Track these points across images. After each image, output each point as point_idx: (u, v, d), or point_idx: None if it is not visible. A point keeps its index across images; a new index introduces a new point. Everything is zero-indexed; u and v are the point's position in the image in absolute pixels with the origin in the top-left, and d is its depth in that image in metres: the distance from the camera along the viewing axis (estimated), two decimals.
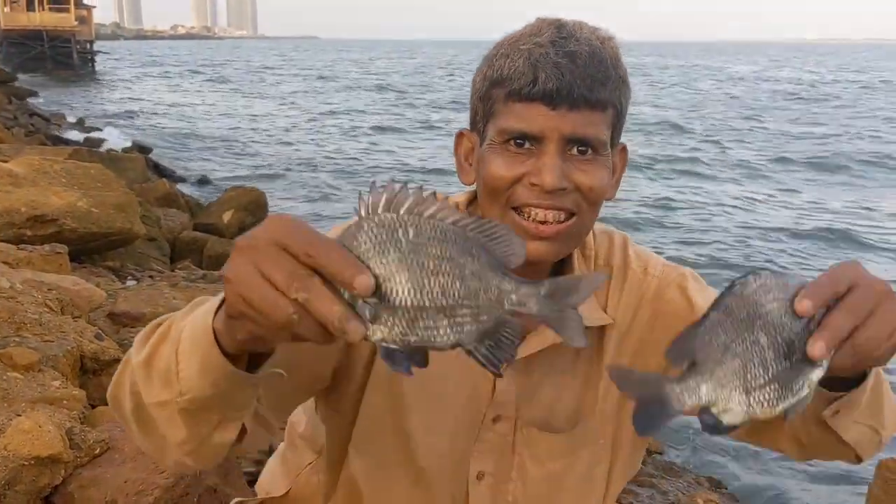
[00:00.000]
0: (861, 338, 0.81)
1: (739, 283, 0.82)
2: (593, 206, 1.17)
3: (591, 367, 1.30)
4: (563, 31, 1.14)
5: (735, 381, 0.81)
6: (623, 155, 1.27)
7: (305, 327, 0.73)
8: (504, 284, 0.77)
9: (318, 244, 0.73)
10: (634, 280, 1.31)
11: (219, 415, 0.92)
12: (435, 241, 0.75)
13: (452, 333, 0.75)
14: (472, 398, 1.26)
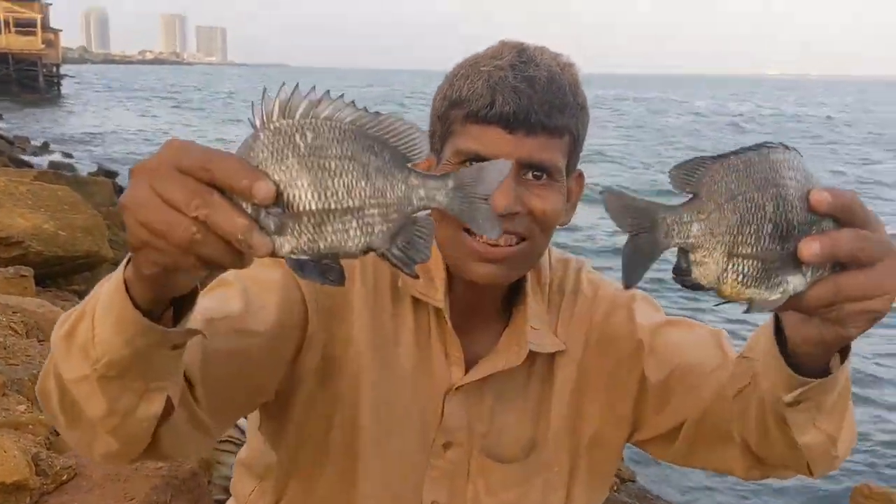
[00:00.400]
0: (852, 280, 0.76)
1: (769, 146, 0.76)
2: (546, 231, 1.17)
3: (542, 393, 1.28)
4: (524, 56, 1.14)
5: (726, 236, 0.75)
6: (580, 181, 1.26)
7: (209, 246, 0.70)
8: (411, 179, 0.75)
9: (214, 158, 0.70)
10: (585, 304, 1.30)
11: (140, 382, 0.85)
12: (335, 141, 0.72)
13: (363, 235, 0.73)
14: (421, 422, 1.24)
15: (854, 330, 0.80)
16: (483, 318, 1.26)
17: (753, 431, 1.03)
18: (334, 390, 1.21)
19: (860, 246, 0.75)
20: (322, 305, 1.18)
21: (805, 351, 0.86)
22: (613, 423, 1.29)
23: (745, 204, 0.74)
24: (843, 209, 0.75)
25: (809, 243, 0.73)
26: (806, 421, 0.95)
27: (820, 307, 0.77)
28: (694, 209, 0.76)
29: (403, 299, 1.23)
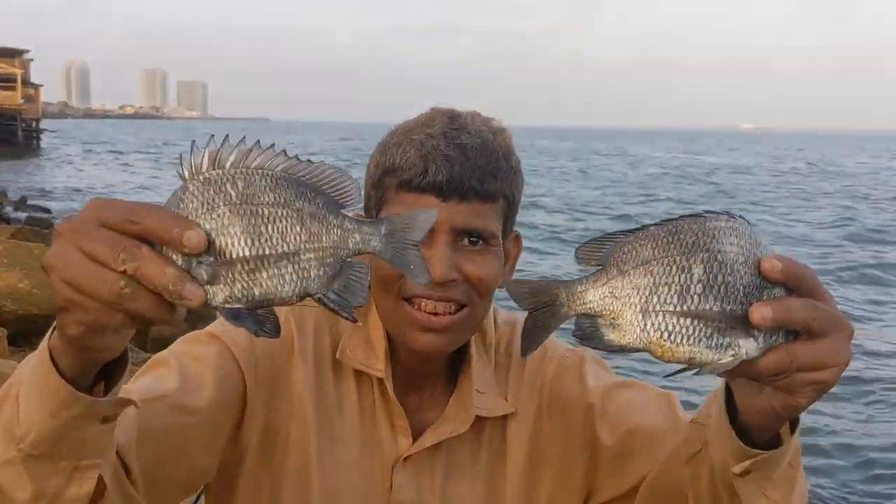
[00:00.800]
0: (805, 349, 0.76)
1: (709, 214, 0.77)
2: (484, 296, 1.16)
3: (495, 460, 1.26)
4: (456, 123, 1.15)
5: (633, 298, 0.76)
6: (517, 242, 1.27)
7: (139, 300, 0.67)
8: (346, 224, 0.75)
9: (140, 210, 0.69)
10: (534, 366, 1.29)
11: (69, 461, 0.81)
12: (267, 189, 0.72)
13: (299, 280, 0.72)
14: (369, 496, 1.22)
15: (803, 400, 0.80)
16: (429, 386, 1.26)
17: (705, 497, 1.02)
18: (280, 466, 1.19)
19: (813, 315, 0.76)
20: (261, 378, 1.17)
21: (755, 421, 0.87)
22: (569, 489, 1.27)
23: (664, 267, 0.75)
24: (795, 277, 0.76)
25: (760, 307, 0.74)
26: (755, 490, 0.93)
27: (772, 374, 0.77)
28: (590, 279, 0.79)
29: (345, 372, 1.22)
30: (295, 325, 1.21)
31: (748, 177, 45.03)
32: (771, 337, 0.76)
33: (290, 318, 1.21)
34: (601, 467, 1.23)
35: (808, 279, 0.77)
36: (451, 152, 1.11)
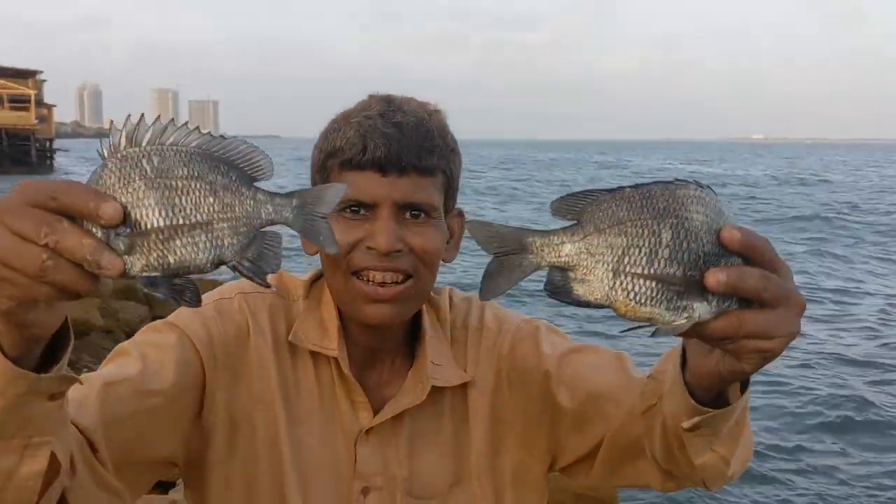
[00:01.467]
0: (754, 317, 0.79)
1: (678, 182, 0.79)
2: (429, 266, 1.21)
3: (458, 428, 1.31)
4: (392, 105, 1.21)
5: (607, 256, 0.78)
6: (460, 220, 1.30)
7: (61, 272, 0.71)
8: (258, 196, 0.79)
9: (60, 187, 0.72)
10: (490, 338, 1.33)
11: (19, 439, 0.83)
12: (181, 163, 0.75)
13: (213, 248, 0.76)
14: (335, 471, 1.25)
15: (748, 366, 0.83)
16: (387, 363, 1.30)
17: (658, 448, 1.06)
18: (249, 449, 1.23)
19: (764, 285, 0.78)
20: (220, 362, 1.21)
21: (702, 383, 0.91)
22: (533, 455, 1.32)
23: (637, 229, 0.78)
24: (752, 249, 0.79)
25: (716, 273, 0.76)
26: (703, 445, 0.98)
27: (721, 338, 0.80)
28: (568, 232, 0.80)
29: (302, 354, 1.26)
30: (249, 311, 1.26)
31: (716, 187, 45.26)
32: (724, 303, 0.78)
33: (244, 306, 1.26)
34: (563, 430, 1.27)
35: (765, 252, 0.79)
36: (388, 130, 1.17)
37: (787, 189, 44.71)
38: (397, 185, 1.17)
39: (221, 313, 1.24)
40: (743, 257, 0.79)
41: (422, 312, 1.30)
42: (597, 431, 1.22)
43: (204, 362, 1.19)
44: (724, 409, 0.92)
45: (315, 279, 1.31)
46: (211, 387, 1.21)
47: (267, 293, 1.27)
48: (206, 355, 1.20)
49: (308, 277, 1.32)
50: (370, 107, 1.21)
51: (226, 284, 1.30)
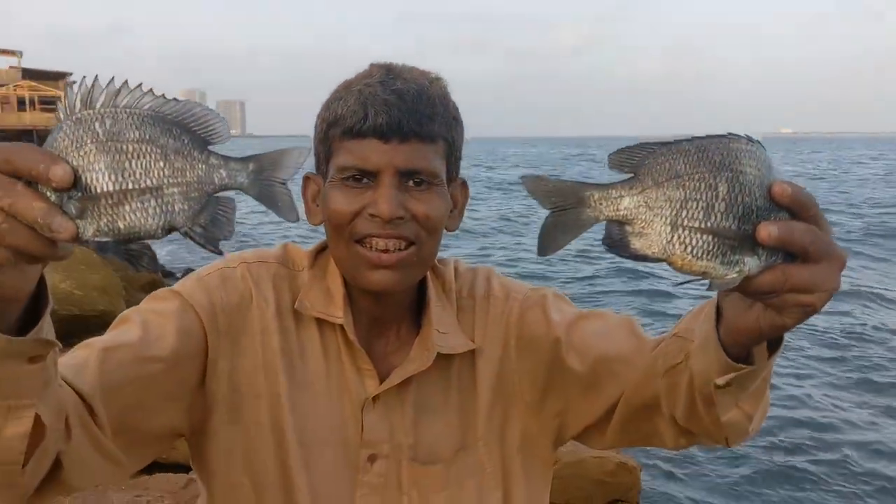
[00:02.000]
0: (799, 271, 0.81)
1: (732, 136, 0.80)
2: (432, 234, 1.20)
3: (465, 395, 1.30)
4: (392, 72, 1.20)
5: (666, 210, 0.80)
6: (464, 189, 1.31)
7: (17, 235, 0.72)
8: (211, 160, 0.78)
9: (13, 150, 0.73)
10: (497, 307, 1.33)
11: (1, 401, 0.85)
12: (132, 127, 0.76)
13: (163, 214, 0.76)
14: (342, 438, 1.24)
15: (789, 320, 0.85)
16: (393, 331, 1.30)
17: (681, 406, 1.07)
18: (252, 416, 1.22)
19: (812, 240, 0.80)
20: (222, 330, 1.21)
21: (738, 339, 0.92)
22: (541, 422, 1.31)
23: (694, 183, 0.79)
24: (801, 205, 0.81)
25: (767, 226, 0.79)
26: (730, 401, 1.01)
27: (766, 292, 0.83)
28: (626, 185, 0.81)
29: (308, 322, 1.26)
30: (252, 280, 1.26)
31: None
32: (771, 257, 0.80)
33: (247, 275, 1.26)
34: (574, 395, 1.27)
35: (812, 207, 0.81)
36: (388, 97, 1.15)
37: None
38: (399, 151, 1.15)
39: (225, 281, 1.24)
40: (791, 212, 0.81)
41: (427, 282, 1.30)
42: (609, 393, 1.23)
43: (206, 330, 1.19)
44: (756, 366, 0.94)
45: (320, 250, 1.31)
46: (213, 355, 1.20)
47: (272, 263, 1.29)
48: (209, 323, 1.20)
49: (313, 248, 1.32)
50: (371, 75, 1.20)
51: (230, 254, 1.30)
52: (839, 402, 8.21)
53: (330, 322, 1.25)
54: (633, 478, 4.78)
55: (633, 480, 4.78)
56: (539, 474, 1.35)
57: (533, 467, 1.33)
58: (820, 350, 10.04)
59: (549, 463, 1.37)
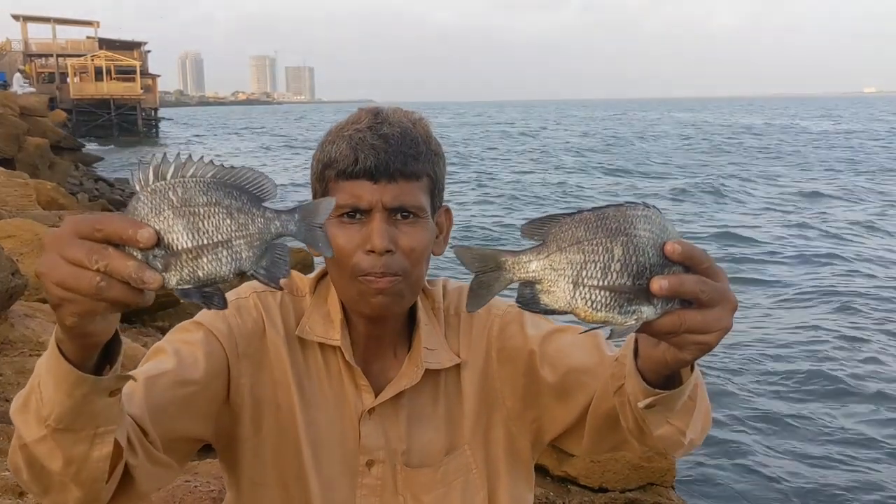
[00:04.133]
0: (693, 315, 0.92)
1: (629, 204, 0.92)
2: (417, 264, 1.35)
3: (451, 404, 1.45)
4: (379, 117, 1.35)
5: (568, 271, 0.91)
6: (448, 215, 1.46)
7: (113, 289, 0.85)
8: (267, 214, 0.92)
9: (102, 220, 0.86)
10: (480, 322, 1.47)
11: (88, 430, 1.00)
12: (200, 192, 0.89)
13: (233, 262, 0.89)
14: (343, 447, 1.40)
15: (688, 355, 0.97)
16: (389, 351, 1.45)
17: (630, 421, 1.20)
18: (272, 428, 1.39)
19: (701, 288, 0.91)
20: (241, 353, 1.37)
21: (651, 368, 1.05)
22: (521, 427, 1.46)
23: (592, 247, 0.90)
24: (691, 259, 0.91)
25: (660, 280, 0.90)
26: (660, 419, 1.12)
27: (666, 333, 0.94)
28: (534, 251, 0.93)
29: (311, 346, 1.42)
30: (262, 307, 1.42)
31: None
32: (668, 304, 0.91)
33: (258, 303, 1.42)
34: (547, 403, 1.41)
35: (702, 260, 0.92)
36: (376, 142, 1.31)
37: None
38: (387, 190, 1.31)
39: (240, 310, 1.40)
40: (684, 266, 0.91)
41: (417, 304, 1.44)
42: (579, 402, 1.36)
43: (227, 353, 1.36)
44: (673, 390, 1.06)
45: (321, 277, 1.46)
46: (235, 374, 1.37)
47: (277, 292, 1.44)
48: (229, 347, 1.36)
49: (315, 275, 1.47)
50: (360, 120, 1.35)
51: (242, 285, 1.45)
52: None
53: (331, 346, 1.40)
54: (668, 462, 4.76)
55: (668, 465, 4.77)
56: (522, 476, 1.50)
57: (516, 468, 1.48)
58: None
59: (530, 465, 1.51)
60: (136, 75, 58.64)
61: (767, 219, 19.34)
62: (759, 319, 10.51)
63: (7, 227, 5.99)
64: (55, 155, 22.51)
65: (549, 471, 4.83)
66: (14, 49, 61.07)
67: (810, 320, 10.39)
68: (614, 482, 4.74)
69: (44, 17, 63.80)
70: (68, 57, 59.67)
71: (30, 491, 1.12)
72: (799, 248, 15.42)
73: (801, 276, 13.08)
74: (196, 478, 2.65)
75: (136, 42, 64.68)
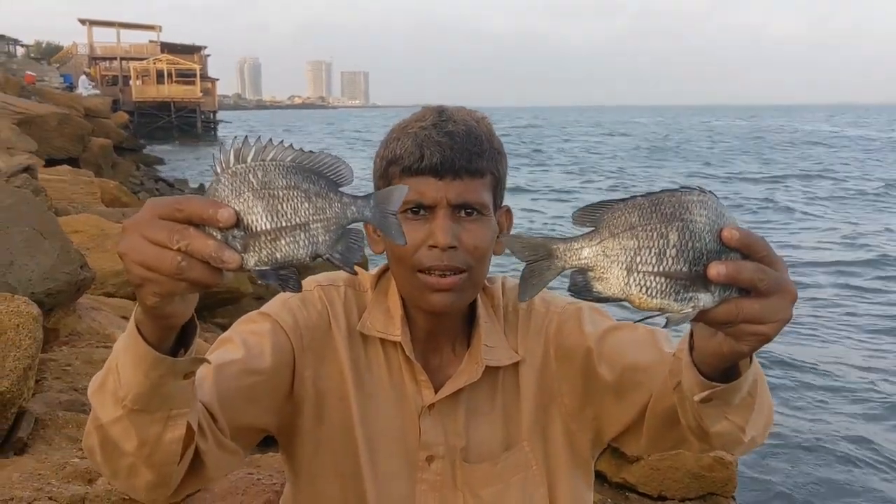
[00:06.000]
0: (750, 305, 0.89)
1: (684, 189, 0.90)
2: (481, 260, 1.35)
3: (509, 401, 1.45)
4: (444, 115, 1.36)
5: (621, 256, 0.89)
6: (508, 215, 1.46)
7: (194, 270, 0.86)
8: (344, 199, 0.93)
9: (183, 201, 0.87)
10: (538, 319, 1.48)
11: (162, 411, 1.02)
12: (280, 176, 0.89)
13: (310, 245, 0.90)
14: (403, 442, 1.41)
15: (745, 347, 0.94)
16: (448, 347, 1.46)
17: (690, 417, 1.16)
18: (331, 420, 1.40)
19: (760, 277, 0.88)
20: (306, 345, 1.40)
21: (708, 361, 1.02)
22: (580, 425, 1.45)
23: (646, 232, 0.89)
24: (749, 246, 0.89)
25: (717, 265, 0.87)
26: (717, 414, 1.10)
27: (722, 322, 0.91)
28: (586, 238, 0.92)
29: (373, 341, 1.44)
30: (327, 300, 1.45)
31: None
32: (725, 292, 0.88)
33: (323, 297, 1.45)
34: (606, 401, 1.40)
35: (760, 247, 0.89)
36: (441, 139, 1.32)
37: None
38: (451, 186, 1.32)
39: (305, 303, 1.43)
40: (742, 253, 0.88)
41: (477, 301, 1.45)
42: (637, 401, 1.34)
43: (293, 345, 1.38)
44: (730, 383, 1.03)
45: (382, 272, 1.48)
46: (299, 366, 1.39)
47: (340, 285, 1.47)
48: (295, 339, 1.38)
49: (377, 271, 1.49)
50: (425, 118, 1.37)
51: (305, 278, 1.46)
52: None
53: (391, 342, 1.42)
54: (729, 472, 4.72)
55: (729, 475, 4.72)
56: (581, 474, 1.48)
57: (576, 467, 1.47)
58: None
59: (590, 464, 1.50)
60: (195, 79, 59.81)
61: None
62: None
63: (74, 223, 6.13)
64: (117, 155, 23.03)
65: (607, 477, 4.78)
66: (80, 53, 62.83)
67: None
68: (673, 491, 4.70)
69: (108, 22, 65.43)
70: (131, 60, 61.14)
71: (102, 473, 1.13)
72: None
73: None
74: (259, 471, 2.67)
75: (196, 46, 65.97)
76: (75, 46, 64.12)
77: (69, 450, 2.96)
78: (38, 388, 3.40)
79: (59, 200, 8.58)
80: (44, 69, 50.85)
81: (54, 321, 4.11)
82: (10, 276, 3.88)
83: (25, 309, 3.10)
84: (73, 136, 18.58)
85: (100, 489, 2.52)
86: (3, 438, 2.97)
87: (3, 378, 2.90)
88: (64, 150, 17.57)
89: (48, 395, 3.38)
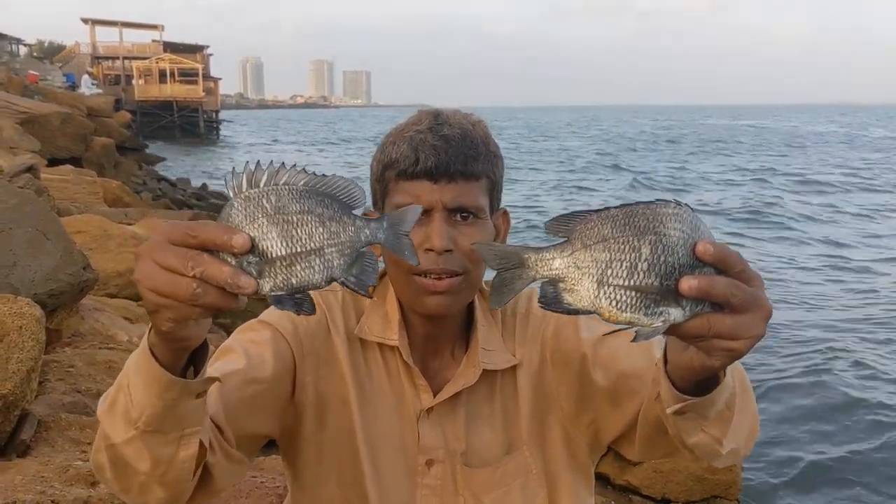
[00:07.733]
0: (722, 320, 0.87)
1: (660, 201, 0.88)
2: (477, 263, 1.34)
3: (508, 405, 1.45)
4: (439, 119, 1.36)
5: (592, 269, 0.87)
6: (505, 217, 1.46)
7: (209, 295, 0.85)
8: (357, 222, 0.92)
9: (196, 227, 0.86)
10: (536, 323, 1.47)
11: (176, 432, 1.02)
12: (293, 200, 0.89)
13: (325, 269, 0.89)
14: (402, 446, 1.41)
15: (717, 362, 0.93)
16: (446, 351, 1.45)
17: (672, 428, 1.15)
18: (332, 424, 1.40)
19: (733, 292, 0.86)
20: (306, 352, 1.39)
21: (680, 374, 1.01)
22: (578, 429, 1.44)
23: (619, 245, 0.86)
24: (723, 261, 0.87)
25: (689, 279, 0.85)
26: (693, 426, 1.08)
27: (693, 336, 0.90)
28: (558, 248, 0.90)
29: (371, 346, 1.43)
30: (325, 307, 1.44)
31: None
32: (697, 306, 0.87)
33: (321, 302, 1.44)
34: (601, 406, 1.39)
35: (735, 263, 0.87)
36: (437, 142, 1.31)
37: None
38: (446, 190, 1.31)
39: None
40: (716, 268, 0.86)
41: (475, 304, 1.44)
42: (631, 407, 1.33)
43: (294, 352, 1.38)
44: (703, 397, 1.02)
45: (380, 277, 1.46)
46: (300, 372, 1.39)
47: (339, 291, 1.46)
48: (295, 346, 1.38)
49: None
50: (420, 122, 1.36)
51: None
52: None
53: (389, 346, 1.41)
54: (733, 475, 4.73)
55: (733, 478, 4.73)
56: (582, 479, 1.48)
57: (576, 471, 1.46)
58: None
59: (590, 469, 1.49)
60: (198, 78, 59.65)
61: None
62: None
63: (77, 223, 6.13)
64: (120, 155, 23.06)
65: (610, 480, 4.79)
66: (82, 52, 62.86)
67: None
68: (677, 493, 4.70)
69: (111, 21, 65.45)
70: (134, 60, 61.14)
71: (110, 489, 1.12)
72: None
73: None
74: (262, 474, 2.67)
75: (198, 46, 65.89)
76: (78, 46, 64.12)
77: (72, 452, 2.96)
78: (41, 389, 3.40)
79: (62, 200, 8.59)
80: (46, 68, 50.95)
81: (57, 322, 4.10)
82: (13, 277, 3.87)
83: (28, 310, 3.09)
84: (76, 136, 18.61)
85: (103, 492, 2.51)
86: (6, 441, 2.96)
87: (6, 380, 2.90)
88: (66, 150, 17.60)
89: (51, 397, 3.38)
